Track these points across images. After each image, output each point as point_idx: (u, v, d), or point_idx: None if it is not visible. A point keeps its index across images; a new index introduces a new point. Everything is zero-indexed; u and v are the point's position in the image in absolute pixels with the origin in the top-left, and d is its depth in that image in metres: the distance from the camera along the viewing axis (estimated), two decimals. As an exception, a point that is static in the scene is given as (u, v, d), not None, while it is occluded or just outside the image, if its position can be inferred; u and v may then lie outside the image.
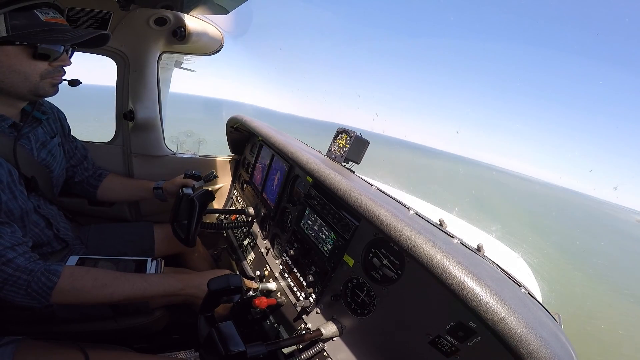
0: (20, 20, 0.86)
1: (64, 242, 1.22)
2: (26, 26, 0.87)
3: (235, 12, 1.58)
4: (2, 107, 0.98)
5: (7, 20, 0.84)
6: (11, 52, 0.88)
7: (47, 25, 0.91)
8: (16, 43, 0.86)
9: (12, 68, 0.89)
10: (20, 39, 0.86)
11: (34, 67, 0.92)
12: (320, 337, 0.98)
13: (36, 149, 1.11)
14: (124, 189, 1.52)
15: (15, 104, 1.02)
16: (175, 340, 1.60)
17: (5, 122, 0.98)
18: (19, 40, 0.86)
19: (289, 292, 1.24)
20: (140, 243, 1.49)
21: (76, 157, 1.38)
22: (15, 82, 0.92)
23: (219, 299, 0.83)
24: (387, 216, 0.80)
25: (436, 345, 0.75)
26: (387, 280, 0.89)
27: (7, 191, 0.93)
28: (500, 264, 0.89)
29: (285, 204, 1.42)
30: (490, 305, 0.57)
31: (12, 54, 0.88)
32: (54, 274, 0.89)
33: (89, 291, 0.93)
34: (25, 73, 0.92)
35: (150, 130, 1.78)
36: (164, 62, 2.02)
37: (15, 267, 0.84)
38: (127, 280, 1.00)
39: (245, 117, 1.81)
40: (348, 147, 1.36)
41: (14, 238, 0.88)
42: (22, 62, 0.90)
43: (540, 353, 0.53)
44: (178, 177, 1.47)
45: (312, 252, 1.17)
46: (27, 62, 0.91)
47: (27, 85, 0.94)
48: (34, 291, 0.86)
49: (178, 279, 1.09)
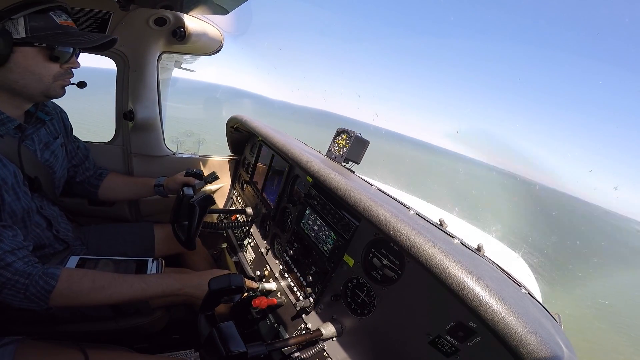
0: (38, 22, 0.88)
1: (65, 243, 1.22)
2: (43, 28, 0.89)
3: (235, 12, 1.58)
4: (9, 108, 0.99)
5: (26, 22, 0.86)
6: (29, 54, 0.89)
7: (62, 28, 0.93)
8: (35, 44, 0.88)
9: (29, 69, 0.91)
10: (39, 41, 0.89)
11: (48, 69, 0.94)
12: (320, 337, 0.98)
13: (39, 150, 1.11)
14: (124, 188, 1.52)
15: (22, 105, 1.03)
16: (175, 340, 1.60)
17: (12, 123, 0.98)
18: (37, 42, 0.88)
19: (289, 292, 1.24)
20: (140, 243, 1.49)
21: (78, 157, 1.38)
22: (29, 83, 0.94)
23: (220, 298, 0.83)
24: (388, 216, 0.80)
25: (436, 345, 0.74)
26: (387, 280, 0.89)
27: (11, 192, 0.94)
28: (500, 264, 0.89)
29: (285, 203, 1.42)
30: (490, 305, 0.57)
31: (29, 55, 0.90)
32: (52, 278, 0.89)
33: (87, 294, 0.93)
34: (40, 74, 0.94)
35: (150, 130, 1.78)
36: (163, 62, 2.02)
37: (13, 270, 0.84)
38: (125, 282, 1.00)
39: (245, 117, 1.81)
40: (348, 147, 1.36)
41: (14, 242, 0.88)
42: (38, 63, 0.92)
43: (540, 353, 0.53)
44: (179, 174, 1.47)
45: (312, 252, 1.17)
46: (43, 63, 0.93)
47: (40, 86, 0.95)
48: (32, 295, 0.86)
49: (177, 278, 1.09)
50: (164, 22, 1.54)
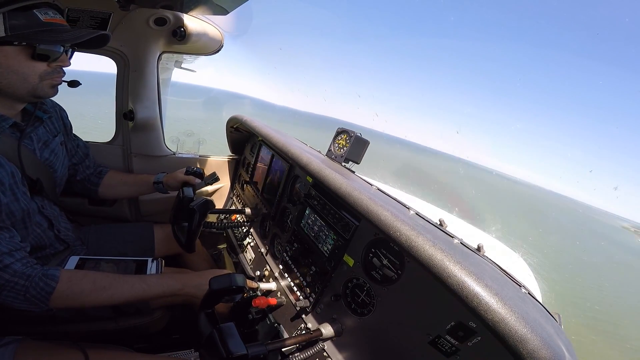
0: (19, 20, 0.84)
1: (65, 243, 1.22)
2: (25, 26, 0.85)
3: (235, 13, 1.58)
4: (1, 108, 0.96)
5: (5, 20, 0.82)
6: (10, 53, 0.86)
7: (46, 26, 0.89)
8: (14, 43, 0.85)
9: (11, 69, 0.88)
10: (19, 39, 0.85)
11: (32, 68, 0.90)
12: (320, 337, 0.98)
13: (39, 148, 1.10)
14: (124, 185, 1.52)
15: (14, 105, 1.00)
16: (175, 340, 1.60)
17: (6, 122, 0.97)
18: (17, 41, 0.85)
19: (289, 292, 1.24)
20: (140, 243, 1.49)
21: (78, 156, 1.38)
22: (13, 83, 0.90)
23: (220, 298, 0.83)
24: (388, 216, 0.80)
25: (436, 345, 0.74)
26: (387, 280, 0.89)
27: (8, 193, 0.92)
28: (500, 264, 0.89)
29: (285, 203, 1.42)
30: (490, 305, 0.57)
31: (10, 54, 0.86)
32: (52, 279, 0.88)
33: (88, 295, 0.93)
34: (24, 74, 0.90)
35: (150, 130, 1.78)
36: (163, 62, 2.02)
37: (12, 272, 0.84)
38: (125, 282, 1.00)
39: (245, 117, 1.81)
40: (348, 147, 1.36)
41: (11, 243, 0.87)
42: (20, 62, 0.88)
43: (540, 353, 0.53)
44: (179, 171, 1.47)
45: (312, 252, 1.17)
46: (26, 62, 0.89)
47: (26, 86, 0.92)
48: (32, 296, 0.85)
49: (177, 279, 1.09)
50: (164, 22, 1.54)
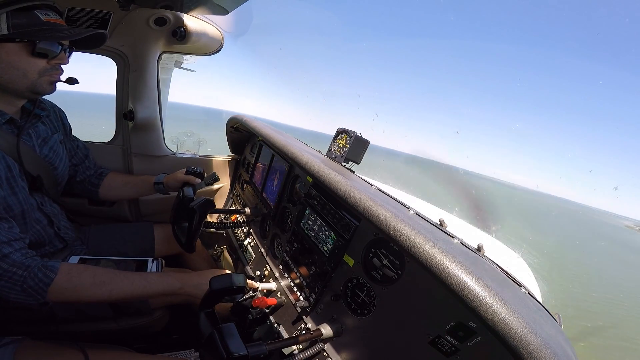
0: (21, 19, 0.90)
1: (64, 241, 1.22)
2: (26, 25, 0.90)
3: (235, 12, 1.58)
4: (1, 104, 1.00)
5: (8, 18, 0.88)
6: (11, 49, 0.91)
7: (46, 25, 0.94)
8: (16, 40, 0.90)
9: (12, 64, 0.92)
10: (20, 37, 0.90)
11: (32, 65, 0.95)
12: (320, 337, 0.98)
13: (37, 145, 1.11)
14: (125, 187, 1.52)
15: (13, 102, 1.04)
16: (175, 340, 1.60)
17: (2, 117, 0.99)
18: (19, 38, 0.90)
19: (289, 292, 1.24)
20: (140, 243, 1.49)
21: (78, 157, 1.39)
22: (13, 79, 0.95)
23: (221, 297, 0.83)
24: (388, 216, 0.80)
25: (436, 345, 0.74)
26: (387, 280, 0.89)
27: (5, 186, 0.93)
28: (500, 264, 0.89)
29: (285, 203, 1.42)
30: (490, 305, 0.57)
31: (12, 50, 0.91)
32: (52, 270, 0.88)
33: (87, 288, 0.92)
34: (24, 70, 0.95)
35: (150, 130, 1.78)
36: (164, 62, 2.02)
37: (11, 262, 0.84)
38: (125, 279, 1.00)
39: (246, 116, 1.81)
40: (348, 147, 1.35)
41: (10, 233, 0.88)
42: (21, 59, 0.93)
43: (541, 353, 0.52)
44: (179, 171, 1.48)
45: (312, 252, 1.17)
46: (26, 59, 0.94)
47: (25, 82, 0.96)
48: (29, 287, 0.84)
49: (177, 278, 1.09)
50: (164, 22, 1.54)
